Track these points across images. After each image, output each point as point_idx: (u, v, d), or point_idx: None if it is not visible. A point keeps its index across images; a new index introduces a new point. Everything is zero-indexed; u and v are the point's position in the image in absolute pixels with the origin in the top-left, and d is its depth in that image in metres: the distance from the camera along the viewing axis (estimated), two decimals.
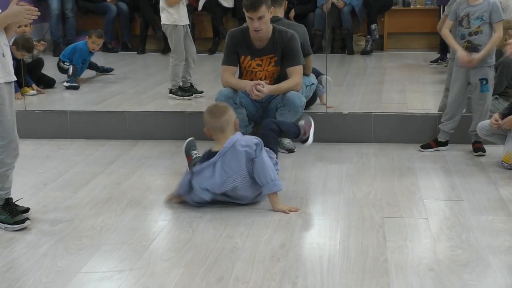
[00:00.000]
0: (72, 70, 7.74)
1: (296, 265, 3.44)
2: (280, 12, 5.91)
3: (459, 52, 5.12)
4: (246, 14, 5.18)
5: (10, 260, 3.57)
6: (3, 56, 3.87)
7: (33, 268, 3.48)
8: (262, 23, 5.15)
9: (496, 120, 4.85)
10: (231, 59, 5.44)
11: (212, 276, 3.32)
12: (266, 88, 5.12)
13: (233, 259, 3.52)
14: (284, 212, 4.13)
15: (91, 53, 8.14)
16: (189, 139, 4.93)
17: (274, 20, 5.42)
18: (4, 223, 3.94)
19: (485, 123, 5.03)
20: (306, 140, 4.97)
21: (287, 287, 3.20)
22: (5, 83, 3.88)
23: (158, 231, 3.95)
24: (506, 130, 4.88)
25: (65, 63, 7.86)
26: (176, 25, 6.93)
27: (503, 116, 4.86)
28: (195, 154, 4.78)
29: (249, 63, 5.40)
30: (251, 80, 5.31)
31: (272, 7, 5.30)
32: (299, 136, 4.91)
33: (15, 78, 4.03)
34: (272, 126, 4.65)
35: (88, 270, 3.43)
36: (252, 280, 3.28)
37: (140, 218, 4.16)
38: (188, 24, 7.13)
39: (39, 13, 3.94)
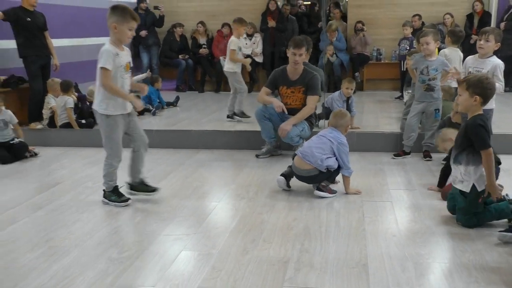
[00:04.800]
0: (155, 108, 7.86)
1: (304, 233, 3.46)
2: (307, 58, 5.81)
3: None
4: (291, 50, 5.13)
5: (116, 226, 3.66)
6: None
7: (130, 231, 3.56)
8: (300, 59, 5.16)
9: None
10: (270, 86, 5.46)
11: (248, 239, 3.37)
12: (289, 127, 5.05)
13: (262, 228, 3.55)
14: (356, 193, 4.23)
15: (157, 90, 8.25)
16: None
17: (304, 63, 5.43)
18: (114, 201, 4.03)
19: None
20: (321, 191, 4.18)
21: (297, 246, 3.23)
22: (121, 114, 3.96)
23: (212, 209, 3.98)
24: None
25: (147, 105, 7.82)
26: (235, 71, 7.02)
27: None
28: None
29: (286, 90, 5.36)
30: (285, 103, 5.31)
31: (306, 52, 5.32)
32: (329, 180, 4.35)
33: (128, 111, 4.05)
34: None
35: (166, 233, 3.49)
36: (274, 241, 3.32)
37: (200, 200, 4.20)
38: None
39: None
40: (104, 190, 4.12)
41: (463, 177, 3.46)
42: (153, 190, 4.20)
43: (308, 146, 4.26)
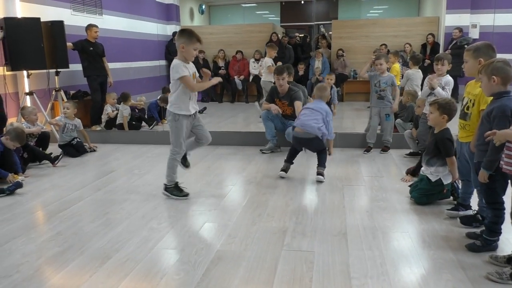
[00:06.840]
0: (156, 121, 7.20)
1: (298, 209, 3.44)
2: (291, 79, 5.74)
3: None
4: (276, 77, 5.20)
5: (156, 204, 3.62)
6: (189, 99, 3.50)
7: (166, 208, 3.51)
8: (283, 82, 5.19)
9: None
10: (268, 98, 5.45)
11: (255, 214, 3.35)
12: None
13: (266, 205, 3.53)
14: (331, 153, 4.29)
15: (158, 106, 7.35)
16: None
17: (289, 82, 5.42)
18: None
19: (407, 133, 4.95)
20: (321, 175, 4.14)
21: (293, 219, 3.20)
22: (186, 115, 3.54)
23: (229, 191, 3.94)
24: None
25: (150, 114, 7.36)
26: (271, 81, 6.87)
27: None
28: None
29: (278, 102, 5.35)
30: (279, 107, 5.32)
31: (288, 75, 5.32)
32: (322, 166, 4.21)
33: (191, 113, 3.54)
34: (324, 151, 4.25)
35: (193, 209, 3.48)
36: (275, 215, 3.29)
37: (219, 184, 4.16)
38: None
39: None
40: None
41: (432, 173, 3.43)
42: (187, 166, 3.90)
43: (305, 119, 4.11)
